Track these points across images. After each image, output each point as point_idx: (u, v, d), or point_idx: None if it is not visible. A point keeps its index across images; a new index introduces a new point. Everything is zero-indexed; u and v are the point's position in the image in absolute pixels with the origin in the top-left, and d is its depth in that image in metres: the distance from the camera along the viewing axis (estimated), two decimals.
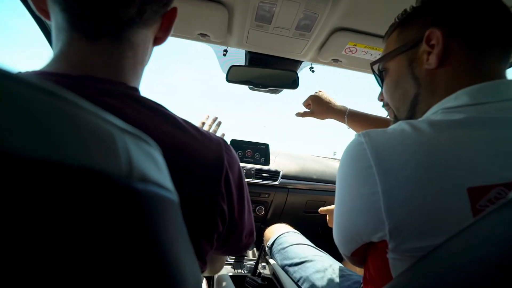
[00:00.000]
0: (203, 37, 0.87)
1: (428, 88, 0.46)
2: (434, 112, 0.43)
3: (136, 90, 0.35)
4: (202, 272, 0.38)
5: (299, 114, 0.99)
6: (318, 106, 0.95)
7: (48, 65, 0.33)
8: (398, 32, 0.51)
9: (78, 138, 0.13)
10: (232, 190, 0.39)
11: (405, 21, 0.50)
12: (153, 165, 0.17)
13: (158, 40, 0.41)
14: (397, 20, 0.52)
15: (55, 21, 0.34)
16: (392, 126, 0.41)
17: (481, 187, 0.32)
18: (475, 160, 0.34)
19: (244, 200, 0.43)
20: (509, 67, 0.71)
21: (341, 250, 0.48)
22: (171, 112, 0.36)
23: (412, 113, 0.49)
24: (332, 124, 0.97)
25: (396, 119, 0.54)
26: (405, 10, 0.50)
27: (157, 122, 0.33)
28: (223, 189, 0.37)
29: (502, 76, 0.42)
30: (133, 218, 0.15)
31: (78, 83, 0.30)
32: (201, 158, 0.35)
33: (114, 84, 0.33)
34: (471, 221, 0.29)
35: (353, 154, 0.40)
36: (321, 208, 0.92)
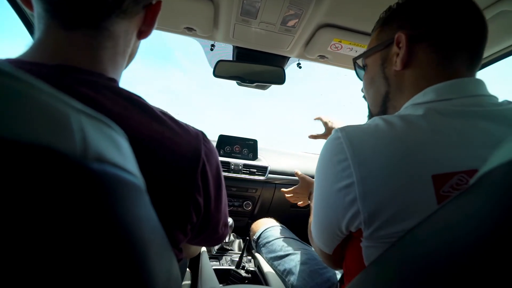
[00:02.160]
0: (189, 31, 0.87)
1: (396, 87, 0.48)
2: (405, 107, 0.45)
3: (114, 81, 0.35)
4: (179, 260, 0.38)
5: (312, 137, 1.00)
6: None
7: (24, 54, 0.32)
8: (379, 31, 0.52)
9: (28, 116, 0.13)
10: (209, 183, 0.39)
11: (386, 20, 0.51)
12: (113, 147, 0.17)
13: (143, 33, 0.41)
14: (381, 16, 0.53)
15: (36, 10, 0.33)
16: (367, 122, 0.43)
17: (444, 174, 0.35)
18: (439, 150, 0.36)
19: (221, 193, 0.43)
20: (480, 68, 0.73)
21: (324, 248, 0.50)
22: (149, 104, 0.36)
23: (384, 108, 0.52)
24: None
25: (370, 112, 0.57)
26: (389, 7, 0.51)
27: (133, 113, 0.33)
28: (199, 182, 0.37)
29: (468, 76, 0.44)
30: (87, 196, 0.15)
31: (53, 73, 0.30)
32: (178, 149, 0.35)
33: (92, 75, 0.33)
34: (435, 207, 0.30)
35: (331, 148, 0.42)
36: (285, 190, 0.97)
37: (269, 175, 1.28)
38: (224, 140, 1.33)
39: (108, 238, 0.16)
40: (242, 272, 0.81)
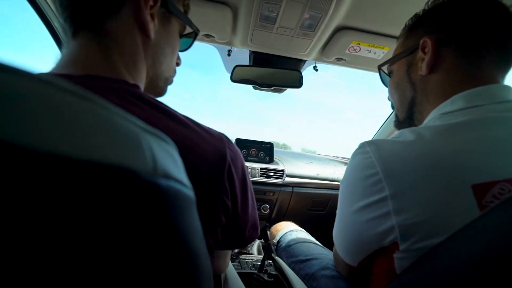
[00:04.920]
0: (207, 37, 0.89)
1: (422, 92, 0.48)
2: (432, 118, 0.45)
3: (137, 87, 0.36)
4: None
5: None
6: None
7: (54, 67, 0.34)
8: (405, 37, 0.53)
9: (107, 138, 0.13)
10: (235, 185, 0.39)
11: (412, 27, 0.51)
12: (172, 162, 0.18)
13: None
14: (407, 23, 0.53)
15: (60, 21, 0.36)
16: (395, 134, 0.43)
17: (484, 184, 0.34)
18: (476, 159, 0.35)
19: (247, 195, 0.43)
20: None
21: (348, 261, 0.49)
22: (171, 109, 0.36)
23: (410, 114, 0.52)
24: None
25: (397, 118, 0.57)
26: (415, 14, 0.51)
27: (159, 118, 0.33)
28: (226, 184, 0.37)
29: (498, 80, 0.43)
30: (158, 212, 0.15)
31: (83, 84, 0.31)
32: (204, 153, 0.35)
33: (116, 82, 0.34)
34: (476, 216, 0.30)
35: (359, 163, 0.42)
36: None
37: (286, 178, 1.28)
38: (241, 144, 1.34)
39: (172, 249, 0.16)
40: (265, 276, 0.81)
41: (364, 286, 0.64)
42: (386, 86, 0.59)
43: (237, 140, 1.35)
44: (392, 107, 0.59)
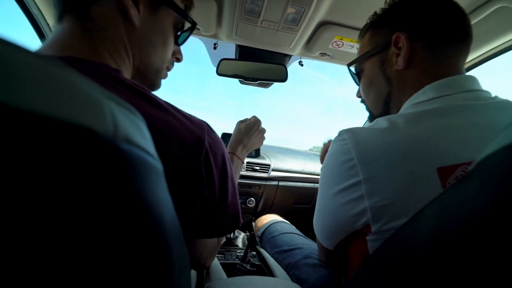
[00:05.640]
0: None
1: (399, 86, 0.50)
2: (406, 107, 0.47)
3: (118, 71, 0.36)
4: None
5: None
6: None
7: (41, 47, 0.35)
8: (370, 35, 0.54)
9: (65, 96, 0.14)
10: (213, 173, 0.39)
11: (376, 24, 0.54)
12: (137, 131, 0.18)
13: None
14: (368, 21, 0.55)
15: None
16: (372, 123, 0.45)
17: (448, 167, 0.36)
18: (442, 144, 0.38)
19: (227, 184, 0.43)
20: (478, 65, 0.75)
21: (326, 244, 0.52)
22: (154, 95, 0.36)
23: (387, 109, 0.54)
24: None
25: (372, 114, 0.59)
26: (375, 13, 0.54)
27: (138, 102, 0.33)
28: (202, 171, 0.37)
29: (461, 71, 0.47)
30: (118, 175, 0.15)
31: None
32: (181, 138, 0.35)
33: (97, 65, 0.34)
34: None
35: (337, 149, 0.44)
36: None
37: (272, 172, 1.30)
38: (227, 138, 1.34)
39: (133, 215, 0.16)
40: (248, 266, 0.82)
41: (342, 271, 0.66)
42: (358, 84, 0.61)
43: (224, 134, 1.35)
44: (362, 102, 0.61)
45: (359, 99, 0.64)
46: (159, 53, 0.45)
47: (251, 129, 0.73)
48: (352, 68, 0.62)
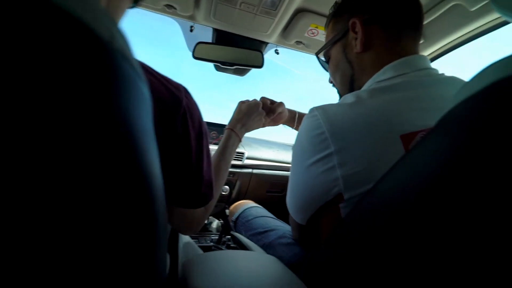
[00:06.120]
0: (169, 8, 0.86)
1: (359, 68, 0.55)
2: (369, 86, 0.51)
3: None
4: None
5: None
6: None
7: None
8: (333, 23, 0.59)
9: None
10: (190, 134, 0.39)
11: (337, 12, 0.58)
12: (128, 48, 0.17)
13: None
14: (330, 11, 0.59)
15: None
16: (341, 99, 0.49)
17: (410, 133, 0.40)
18: (403, 114, 0.42)
19: (202, 151, 0.44)
20: (435, 58, 0.83)
21: (299, 219, 0.54)
22: None
23: (351, 90, 0.58)
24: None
25: (340, 96, 0.64)
26: (336, 2, 0.58)
27: None
28: (179, 128, 0.37)
29: (416, 51, 0.52)
30: (110, 87, 0.14)
31: None
32: (159, 95, 0.35)
33: None
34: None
35: (308, 124, 0.47)
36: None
37: (246, 160, 1.31)
38: (218, 129, 1.33)
39: (117, 136, 0.15)
40: (223, 247, 0.82)
41: (314, 246, 0.69)
42: (327, 70, 0.66)
43: (216, 124, 1.34)
44: (334, 86, 0.66)
45: (331, 85, 0.68)
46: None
47: (251, 109, 0.75)
48: (322, 58, 0.66)
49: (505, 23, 0.71)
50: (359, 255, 0.33)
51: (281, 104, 0.84)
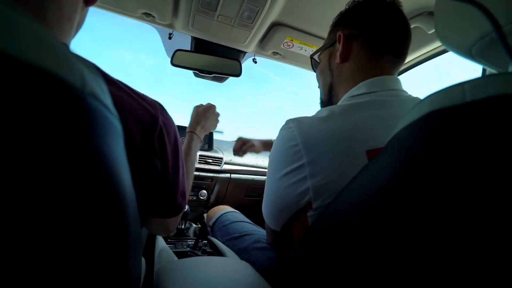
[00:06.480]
0: (147, 16, 0.87)
1: (338, 78, 0.59)
2: (344, 99, 0.55)
3: (66, 46, 0.35)
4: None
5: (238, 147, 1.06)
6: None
7: None
8: (330, 31, 0.63)
9: (37, 44, 0.14)
10: (167, 150, 0.41)
11: (335, 23, 0.62)
12: (101, 91, 0.19)
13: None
14: (333, 21, 0.63)
15: None
16: (316, 112, 0.52)
17: (375, 149, 0.44)
18: (370, 131, 0.45)
19: (178, 162, 0.46)
20: (402, 72, 0.90)
21: (273, 226, 0.57)
22: (103, 70, 0.36)
23: (330, 96, 0.62)
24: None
25: (321, 99, 0.67)
26: (340, 12, 0.61)
27: None
28: (156, 145, 0.39)
29: (392, 72, 0.56)
30: (83, 127, 0.16)
31: None
32: (136, 114, 0.36)
33: None
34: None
35: (284, 136, 0.49)
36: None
37: (224, 165, 1.33)
38: (181, 131, 1.33)
39: (93, 168, 0.17)
40: (199, 253, 0.84)
41: (287, 251, 0.73)
42: (316, 72, 0.70)
43: (177, 127, 1.34)
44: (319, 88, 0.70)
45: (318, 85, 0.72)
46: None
47: (207, 112, 0.80)
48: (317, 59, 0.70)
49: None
50: (325, 262, 0.36)
51: (249, 142, 1.04)
